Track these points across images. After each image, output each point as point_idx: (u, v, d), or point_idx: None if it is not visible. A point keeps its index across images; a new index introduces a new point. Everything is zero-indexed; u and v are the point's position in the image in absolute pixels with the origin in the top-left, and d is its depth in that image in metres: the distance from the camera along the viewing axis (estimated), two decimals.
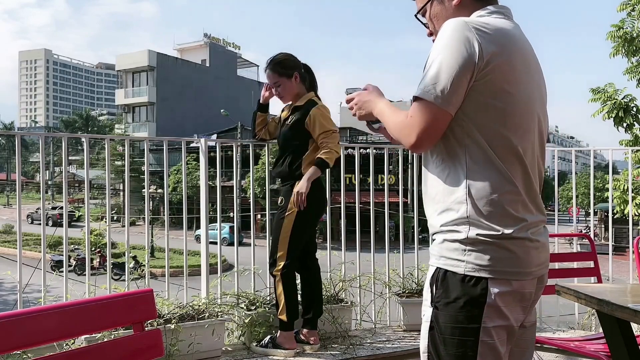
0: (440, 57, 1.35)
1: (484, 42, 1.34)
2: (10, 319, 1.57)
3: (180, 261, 3.73)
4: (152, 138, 17.14)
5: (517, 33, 1.45)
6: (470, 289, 1.33)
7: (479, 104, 1.36)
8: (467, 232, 1.35)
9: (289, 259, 3.10)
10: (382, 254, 3.94)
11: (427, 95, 1.34)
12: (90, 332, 2.36)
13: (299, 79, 3.21)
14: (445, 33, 1.37)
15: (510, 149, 1.37)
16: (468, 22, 1.37)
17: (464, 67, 1.33)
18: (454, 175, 1.38)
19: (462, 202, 1.36)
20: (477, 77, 1.34)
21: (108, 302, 1.91)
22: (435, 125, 1.36)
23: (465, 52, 1.33)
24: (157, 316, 2.64)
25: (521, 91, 1.39)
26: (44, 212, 3.39)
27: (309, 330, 3.20)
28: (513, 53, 1.39)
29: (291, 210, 3.09)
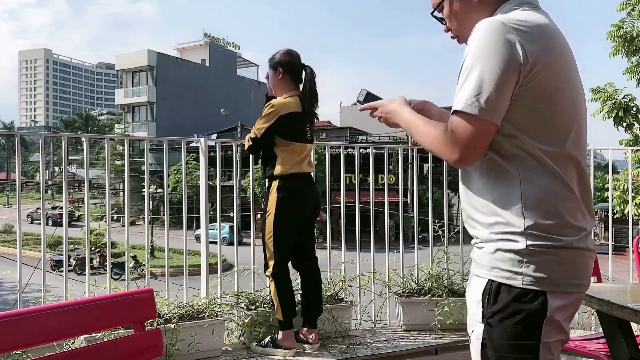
0: (480, 64, 1.24)
1: (527, 43, 1.24)
2: (10, 318, 1.57)
3: (180, 261, 3.73)
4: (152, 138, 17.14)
5: (554, 26, 1.34)
6: (529, 303, 1.24)
7: (526, 109, 1.26)
8: (525, 242, 1.24)
9: (277, 259, 3.12)
10: (382, 253, 3.94)
11: (470, 108, 1.24)
12: (90, 332, 2.36)
13: (281, 75, 3.19)
14: (482, 36, 1.26)
15: (564, 153, 1.28)
16: (505, 22, 1.26)
17: (509, 73, 1.23)
18: (504, 186, 1.29)
19: (518, 212, 1.26)
20: (523, 82, 1.24)
21: (108, 302, 1.91)
22: (480, 139, 1.27)
23: (507, 56, 1.23)
24: (157, 316, 2.64)
25: (569, 90, 1.31)
26: (44, 212, 3.39)
27: (308, 329, 3.20)
28: (556, 50, 1.29)
29: (269, 212, 3.12)
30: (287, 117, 3.10)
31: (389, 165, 4.19)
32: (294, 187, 3.15)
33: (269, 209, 3.14)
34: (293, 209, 3.15)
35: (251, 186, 4.33)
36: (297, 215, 3.18)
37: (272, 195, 3.14)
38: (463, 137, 1.26)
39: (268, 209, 3.15)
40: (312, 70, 3.24)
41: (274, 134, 3.11)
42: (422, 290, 3.67)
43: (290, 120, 3.11)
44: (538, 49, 1.25)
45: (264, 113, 3.12)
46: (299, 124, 3.18)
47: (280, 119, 3.09)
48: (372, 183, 3.89)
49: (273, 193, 3.14)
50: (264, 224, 3.17)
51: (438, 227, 3.95)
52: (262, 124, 3.11)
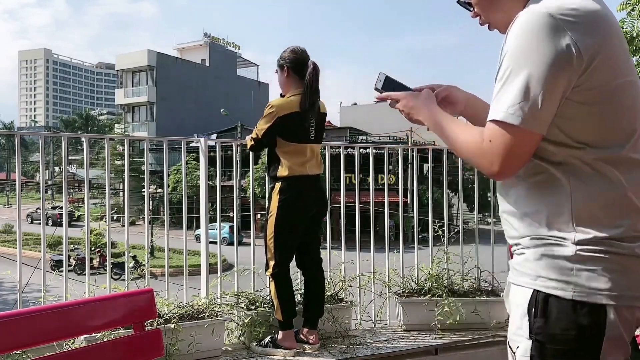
0: (524, 66, 1.08)
1: (580, 38, 1.07)
2: (10, 318, 1.57)
3: (180, 261, 3.73)
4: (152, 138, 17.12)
5: (606, 10, 1.15)
6: (583, 317, 1.08)
7: (579, 113, 1.11)
8: (574, 247, 1.10)
9: (277, 260, 3.12)
10: (382, 253, 3.94)
11: (512, 118, 1.09)
12: (90, 332, 2.36)
13: (287, 73, 3.16)
14: (524, 32, 1.09)
15: (624, 157, 1.12)
16: (553, 14, 1.08)
17: (558, 77, 1.07)
18: (552, 196, 1.14)
19: (568, 226, 1.12)
20: (576, 83, 1.09)
21: (108, 301, 1.91)
22: (522, 151, 1.12)
23: (557, 56, 1.06)
24: (157, 316, 2.64)
25: (629, 85, 1.14)
26: (44, 212, 3.39)
27: (309, 330, 3.20)
28: (614, 41, 1.12)
29: (271, 214, 3.12)
30: (287, 118, 3.07)
31: (388, 165, 4.19)
32: (295, 190, 3.12)
33: (271, 211, 3.14)
34: (294, 212, 3.14)
35: (251, 186, 4.34)
36: (298, 218, 3.16)
37: (274, 197, 3.13)
38: (503, 149, 1.11)
39: (270, 210, 3.14)
40: (314, 64, 3.13)
41: (275, 134, 3.10)
42: (422, 290, 3.67)
43: (291, 121, 3.08)
44: (594, 43, 1.07)
45: (264, 114, 3.12)
46: (301, 124, 3.11)
47: (280, 120, 3.06)
48: (372, 183, 3.89)
49: (275, 195, 3.12)
50: (266, 224, 3.17)
51: (438, 227, 3.94)
52: (263, 124, 3.10)
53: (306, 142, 3.15)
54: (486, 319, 3.54)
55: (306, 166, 3.15)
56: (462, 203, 4.31)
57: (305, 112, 3.10)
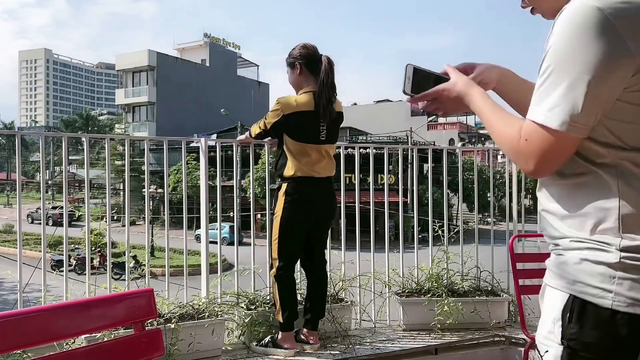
0: (568, 66, 1.01)
1: (630, 34, 0.98)
2: (10, 318, 1.58)
3: (181, 261, 3.73)
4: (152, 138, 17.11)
5: None
6: (622, 328, 1.02)
7: (631, 115, 1.04)
8: (619, 254, 1.04)
9: (282, 261, 3.10)
10: (381, 253, 3.95)
11: (552, 122, 1.04)
12: (90, 332, 2.36)
13: (299, 70, 3.07)
14: (570, 28, 1.01)
15: None
16: (603, 8, 0.98)
17: (605, 78, 1.00)
18: (598, 199, 1.08)
19: (614, 231, 1.06)
20: (629, 83, 1.01)
21: (108, 301, 1.91)
22: (559, 153, 1.08)
23: (604, 56, 0.98)
24: (157, 316, 2.64)
25: None
26: (44, 212, 3.39)
27: (309, 331, 3.20)
28: None
29: (276, 215, 3.10)
30: (293, 117, 2.99)
31: (388, 165, 4.19)
32: (302, 192, 3.07)
33: (276, 211, 3.11)
34: (299, 215, 3.10)
35: (251, 186, 4.33)
36: (303, 221, 3.13)
37: (279, 198, 3.10)
38: (539, 150, 1.07)
39: (275, 211, 3.12)
40: (329, 59, 3.04)
41: (282, 131, 3.06)
42: (422, 290, 3.68)
43: (298, 120, 2.99)
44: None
45: (272, 109, 3.08)
46: (310, 124, 3.01)
47: (285, 118, 2.99)
48: (372, 183, 3.89)
49: (281, 196, 3.09)
50: (271, 225, 3.15)
51: (438, 227, 3.95)
52: (270, 118, 3.07)
53: (315, 142, 3.04)
54: (486, 319, 3.54)
55: (314, 167, 3.06)
56: (462, 203, 4.31)
57: (317, 111, 2.98)
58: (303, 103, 3.02)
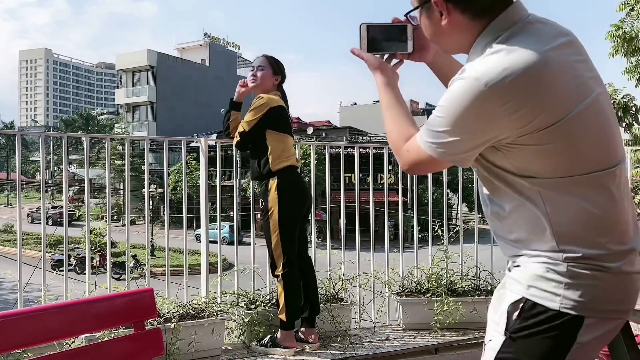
0: (451, 116, 1.18)
1: (504, 99, 1.13)
2: (10, 318, 1.58)
3: (180, 260, 3.74)
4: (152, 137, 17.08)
5: (554, 54, 1.16)
6: (563, 325, 1.17)
7: (528, 153, 1.18)
8: (566, 265, 1.18)
9: (286, 258, 3.10)
10: (381, 253, 3.95)
11: (427, 149, 1.25)
12: (90, 331, 2.37)
13: (278, 82, 3.25)
14: (454, 94, 1.18)
15: (592, 176, 1.18)
16: (479, 78, 1.14)
17: (480, 132, 1.18)
18: (533, 223, 1.22)
19: (554, 247, 1.20)
20: (511, 134, 1.16)
21: (108, 301, 1.92)
22: (430, 168, 1.34)
23: (478, 118, 1.16)
24: (157, 315, 2.65)
25: (584, 114, 1.17)
26: (44, 212, 3.40)
27: (307, 329, 3.20)
28: (550, 81, 1.14)
29: (272, 211, 3.10)
30: (277, 109, 3.13)
31: (388, 164, 4.19)
32: (293, 181, 3.15)
33: (270, 208, 3.11)
34: (295, 203, 3.14)
35: (251, 186, 4.33)
36: (298, 210, 3.17)
37: (271, 194, 3.11)
38: (415, 162, 1.30)
39: (270, 208, 3.11)
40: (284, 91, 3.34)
41: (265, 127, 3.11)
42: (422, 289, 3.68)
43: (279, 113, 3.15)
44: (521, 101, 1.13)
45: (254, 107, 3.12)
46: (287, 117, 3.23)
47: (271, 111, 3.11)
48: (372, 183, 3.89)
49: (273, 191, 3.10)
50: (267, 225, 3.13)
51: (437, 227, 3.95)
52: (252, 116, 3.10)
53: (291, 134, 3.25)
54: (485, 319, 3.52)
55: (294, 158, 3.22)
56: (461, 203, 4.31)
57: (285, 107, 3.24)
58: (279, 100, 3.20)
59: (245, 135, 3.13)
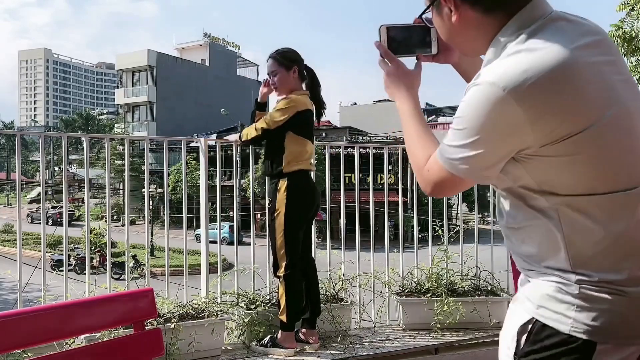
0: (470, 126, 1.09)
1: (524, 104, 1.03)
2: (10, 318, 1.58)
3: (180, 260, 3.74)
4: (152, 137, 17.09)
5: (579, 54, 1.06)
6: (573, 351, 1.09)
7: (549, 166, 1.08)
8: (578, 287, 1.10)
9: (289, 258, 3.09)
10: (381, 253, 3.95)
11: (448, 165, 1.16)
12: (90, 332, 2.37)
13: (297, 73, 3.17)
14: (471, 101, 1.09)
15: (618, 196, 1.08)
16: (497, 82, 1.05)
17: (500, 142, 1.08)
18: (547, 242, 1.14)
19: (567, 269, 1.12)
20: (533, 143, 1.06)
21: (108, 301, 1.92)
22: (452, 187, 1.22)
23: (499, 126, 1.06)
24: (157, 315, 2.65)
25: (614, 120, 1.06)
26: (44, 212, 3.39)
27: (308, 330, 3.20)
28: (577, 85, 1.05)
29: (279, 211, 3.10)
30: (304, 114, 3.11)
31: (388, 164, 4.19)
32: (303, 184, 3.15)
33: (278, 209, 3.10)
34: (302, 207, 3.14)
35: (251, 186, 4.34)
36: (306, 213, 3.18)
37: (280, 194, 3.10)
38: (436, 181, 1.21)
39: (277, 209, 3.10)
40: (313, 70, 3.27)
41: (288, 129, 3.09)
42: (422, 289, 3.68)
43: (305, 117, 3.13)
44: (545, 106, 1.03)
45: (281, 106, 3.09)
46: (310, 122, 3.21)
47: (298, 114, 3.09)
48: (372, 183, 3.89)
49: (282, 192, 3.10)
50: (273, 224, 3.13)
51: (438, 227, 3.95)
52: (279, 116, 3.08)
53: (311, 139, 3.22)
54: (485, 319, 3.54)
55: (310, 162, 3.21)
56: (461, 203, 4.31)
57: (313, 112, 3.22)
58: (307, 102, 3.16)
59: (267, 133, 3.11)
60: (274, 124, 3.08)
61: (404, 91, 1.34)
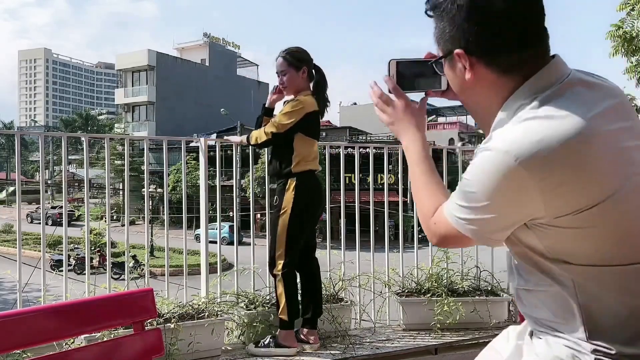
0: (478, 190, 1.05)
1: (537, 174, 0.98)
2: (10, 318, 1.57)
3: (180, 260, 3.74)
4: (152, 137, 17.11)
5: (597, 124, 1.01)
6: None
7: (565, 236, 1.03)
8: (594, 356, 1.05)
9: (288, 258, 3.10)
10: (381, 253, 3.95)
11: (455, 223, 1.12)
12: (90, 332, 2.36)
13: (306, 74, 3.19)
14: (481, 165, 1.05)
15: (632, 270, 1.04)
16: (510, 151, 1.00)
17: (509, 209, 1.04)
18: (562, 311, 1.09)
19: (583, 338, 1.07)
20: (545, 214, 1.02)
21: (108, 301, 1.92)
22: (458, 243, 1.19)
23: (508, 195, 1.02)
24: (157, 315, 2.64)
25: (629, 192, 1.02)
26: (44, 212, 3.39)
27: (309, 330, 3.20)
28: (593, 156, 1.00)
29: (285, 209, 3.10)
30: (311, 115, 3.13)
31: (388, 164, 4.19)
32: (311, 184, 3.17)
33: (284, 207, 3.11)
34: (309, 207, 3.16)
35: (251, 186, 4.34)
36: (312, 214, 3.19)
37: (288, 193, 3.11)
38: (442, 235, 1.18)
39: (283, 207, 3.11)
40: (322, 70, 3.27)
41: (297, 130, 3.10)
42: (422, 289, 3.68)
43: (313, 118, 3.15)
44: (557, 177, 0.99)
45: (290, 109, 3.09)
46: (318, 122, 3.24)
47: (307, 116, 3.10)
48: (372, 182, 3.89)
49: (290, 191, 3.11)
50: (276, 222, 3.13)
51: None
52: (287, 119, 3.08)
53: (317, 139, 3.25)
54: (486, 319, 3.54)
55: (316, 162, 3.23)
56: None
57: (320, 112, 3.23)
58: (314, 103, 3.17)
59: (277, 137, 3.11)
60: (284, 127, 3.09)
61: (414, 132, 1.30)
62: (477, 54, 1.08)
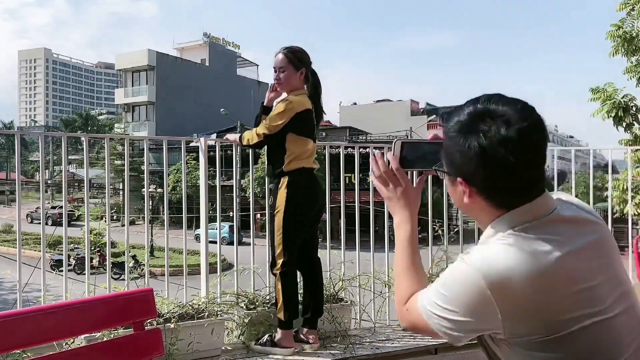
0: (450, 298, 1.13)
1: (500, 300, 1.07)
2: (10, 318, 1.58)
3: (180, 260, 3.73)
4: (152, 137, 17.11)
5: (568, 262, 1.09)
6: None
7: (519, 356, 1.12)
8: None
9: (286, 257, 3.10)
10: (381, 253, 3.95)
11: (426, 317, 1.19)
12: (90, 332, 2.37)
13: (303, 75, 3.20)
14: (455, 277, 1.14)
15: None
16: (481, 269, 1.09)
17: (471, 320, 1.12)
18: None
19: None
20: (510, 334, 1.11)
21: (108, 301, 1.92)
22: (425, 331, 1.24)
23: (473, 309, 1.10)
24: (156, 315, 2.64)
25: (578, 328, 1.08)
26: (44, 212, 3.39)
27: (309, 330, 3.20)
28: (558, 284, 1.08)
29: (279, 208, 3.11)
30: (303, 114, 3.13)
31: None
32: (303, 183, 3.16)
33: (278, 206, 3.12)
34: (303, 204, 3.15)
35: (251, 186, 4.34)
36: (307, 211, 3.18)
37: (281, 192, 3.12)
38: (412, 321, 1.26)
39: (277, 206, 3.12)
40: (317, 75, 3.30)
41: (288, 130, 3.11)
42: None
43: (304, 117, 3.14)
44: (522, 314, 1.07)
45: (280, 110, 3.09)
46: (311, 120, 3.22)
47: (297, 115, 3.10)
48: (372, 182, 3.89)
49: (282, 189, 3.12)
50: (273, 221, 3.15)
51: (438, 227, 3.95)
52: (278, 120, 3.08)
53: (312, 137, 3.23)
54: None
55: (309, 160, 3.21)
56: None
57: (314, 110, 3.23)
58: (306, 102, 3.17)
59: (268, 138, 3.13)
60: (274, 129, 3.10)
61: (408, 215, 1.38)
62: (477, 188, 1.17)
